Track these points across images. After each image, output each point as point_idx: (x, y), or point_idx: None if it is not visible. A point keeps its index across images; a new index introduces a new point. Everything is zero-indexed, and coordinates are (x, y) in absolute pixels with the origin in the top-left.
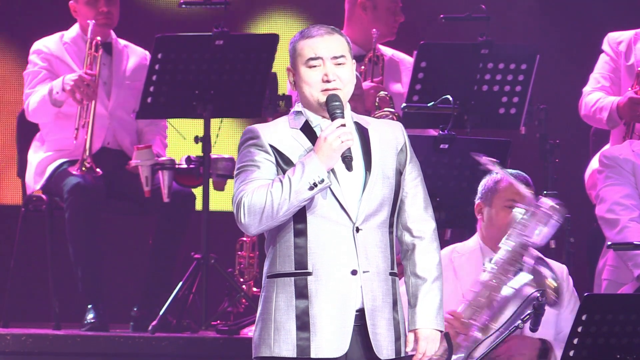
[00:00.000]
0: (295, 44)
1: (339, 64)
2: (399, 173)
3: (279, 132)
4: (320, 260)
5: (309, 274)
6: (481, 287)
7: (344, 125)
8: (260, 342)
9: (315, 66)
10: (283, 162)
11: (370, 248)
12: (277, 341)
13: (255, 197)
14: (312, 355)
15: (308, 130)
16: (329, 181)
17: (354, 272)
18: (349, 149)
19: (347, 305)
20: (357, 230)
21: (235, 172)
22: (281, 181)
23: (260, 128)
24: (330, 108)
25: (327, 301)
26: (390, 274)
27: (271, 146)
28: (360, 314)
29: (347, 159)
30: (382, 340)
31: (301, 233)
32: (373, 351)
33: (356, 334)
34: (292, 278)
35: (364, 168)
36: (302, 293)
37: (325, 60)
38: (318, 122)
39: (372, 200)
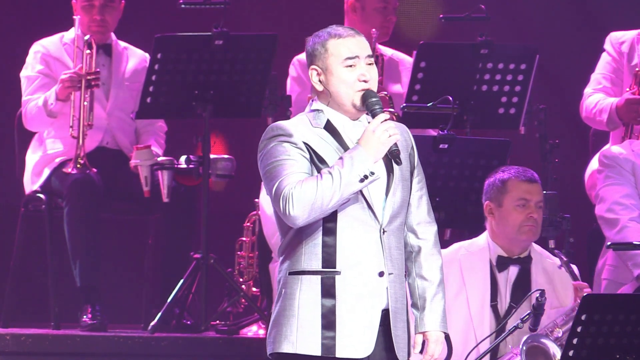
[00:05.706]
0: (325, 43)
1: (370, 64)
2: (412, 175)
3: (306, 130)
4: (350, 260)
5: (337, 273)
6: None
7: (387, 120)
8: (282, 338)
9: (352, 65)
10: (318, 160)
11: (393, 250)
12: (301, 338)
13: (305, 189)
14: (338, 355)
15: (331, 130)
16: (379, 174)
17: (381, 274)
18: (396, 143)
19: (373, 306)
20: (384, 232)
21: (266, 168)
22: (330, 173)
23: (290, 126)
24: (370, 104)
25: (355, 301)
26: (405, 276)
27: (305, 144)
28: (383, 316)
29: (395, 152)
30: (400, 342)
31: (331, 232)
32: (393, 352)
33: (379, 335)
34: (319, 276)
35: (386, 170)
36: (329, 292)
37: (361, 60)
38: (341, 122)
39: (395, 203)
